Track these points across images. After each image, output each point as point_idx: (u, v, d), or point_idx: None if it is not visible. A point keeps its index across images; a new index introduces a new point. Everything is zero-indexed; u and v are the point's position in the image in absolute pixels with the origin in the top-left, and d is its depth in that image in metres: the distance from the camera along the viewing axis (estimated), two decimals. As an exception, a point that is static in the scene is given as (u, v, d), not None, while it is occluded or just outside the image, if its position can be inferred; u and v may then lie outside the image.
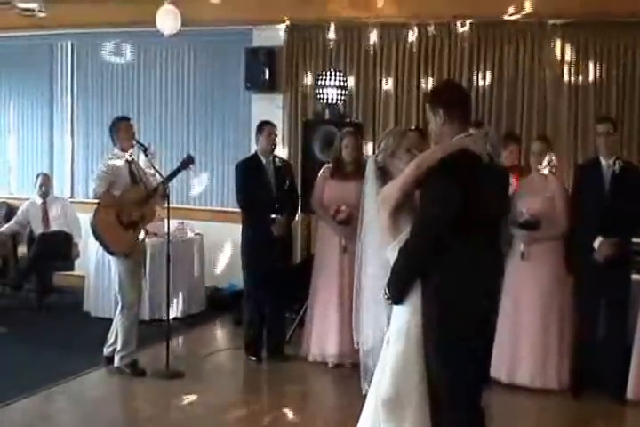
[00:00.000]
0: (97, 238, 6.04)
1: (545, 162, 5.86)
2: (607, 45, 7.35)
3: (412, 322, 3.53)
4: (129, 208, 5.95)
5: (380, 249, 3.78)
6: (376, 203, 3.78)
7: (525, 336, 5.69)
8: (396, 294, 3.55)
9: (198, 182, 8.93)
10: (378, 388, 3.65)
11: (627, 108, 7.34)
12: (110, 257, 6.10)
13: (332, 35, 8.13)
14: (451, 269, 3.47)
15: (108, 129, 6.26)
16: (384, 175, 3.80)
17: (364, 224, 3.99)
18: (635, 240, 5.74)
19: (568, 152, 7.41)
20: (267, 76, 8.30)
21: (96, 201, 6.06)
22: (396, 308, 3.61)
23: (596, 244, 5.50)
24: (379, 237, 3.78)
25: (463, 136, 3.57)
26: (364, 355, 3.96)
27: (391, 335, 3.62)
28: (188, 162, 6.20)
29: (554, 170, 5.96)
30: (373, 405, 3.72)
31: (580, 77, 7.46)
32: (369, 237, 3.94)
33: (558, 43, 7.46)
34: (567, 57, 7.47)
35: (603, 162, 5.68)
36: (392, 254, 3.61)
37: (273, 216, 6.36)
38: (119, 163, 6.03)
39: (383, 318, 3.78)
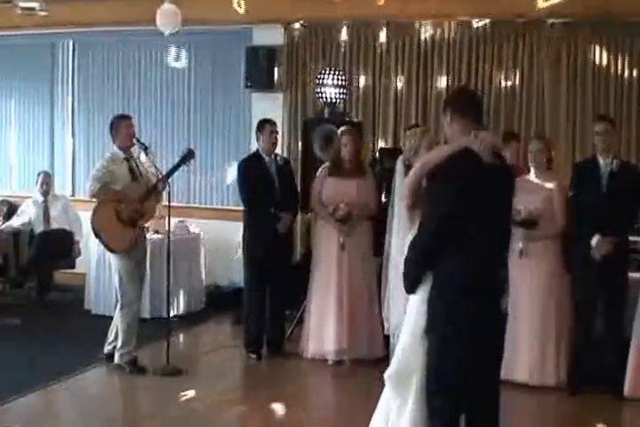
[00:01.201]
0: (97, 236, 6.04)
1: (543, 160, 5.91)
2: (606, 44, 7.40)
3: (421, 311, 3.70)
4: (128, 205, 5.95)
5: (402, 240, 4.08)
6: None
7: (523, 333, 5.71)
8: (407, 284, 3.77)
9: (199, 180, 8.98)
10: None
11: (625, 107, 7.38)
12: (110, 255, 6.10)
13: (332, 34, 8.19)
14: (452, 266, 3.58)
15: (108, 126, 6.25)
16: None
17: (393, 217, 4.37)
18: (632, 238, 5.77)
19: (566, 151, 7.46)
20: (267, 75, 8.34)
21: (94, 200, 6.07)
22: (411, 297, 3.82)
23: (594, 242, 5.52)
24: (402, 229, 4.12)
25: (468, 137, 3.67)
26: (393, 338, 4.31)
27: (405, 321, 3.85)
28: (188, 156, 6.17)
29: (551, 168, 6.00)
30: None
31: (579, 76, 7.50)
32: (395, 229, 4.20)
33: (557, 41, 7.51)
34: (566, 56, 7.51)
35: (600, 160, 5.69)
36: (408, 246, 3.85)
37: (279, 214, 6.39)
38: (114, 165, 6.01)
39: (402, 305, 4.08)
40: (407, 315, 3.86)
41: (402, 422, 3.74)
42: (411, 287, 3.76)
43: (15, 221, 8.45)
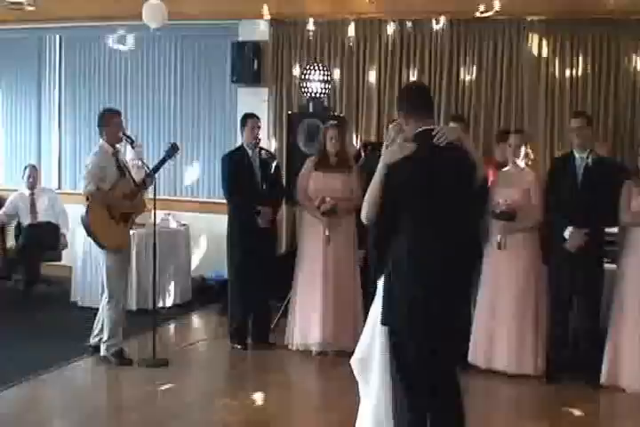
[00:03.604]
0: (90, 235, 6.03)
1: (522, 155, 6.00)
2: (583, 42, 7.49)
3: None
4: (119, 202, 5.99)
5: None
6: None
7: (502, 323, 5.82)
8: (374, 271, 3.79)
9: (185, 174, 9.05)
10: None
11: (602, 103, 7.48)
12: (99, 250, 6.09)
13: (317, 29, 8.24)
14: (393, 255, 3.68)
15: (96, 119, 6.25)
16: None
17: None
18: (607, 230, 5.86)
19: (545, 146, 7.56)
20: (252, 70, 8.41)
21: (85, 197, 6.07)
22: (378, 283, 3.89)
23: (567, 233, 5.62)
24: None
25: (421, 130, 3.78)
26: None
27: (372, 308, 3.94)
28: (172, 150, 6.23)
29: (530, 162, 6.09)
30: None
31: (557, 73, 7.59)
32: None
33: (536, 39, 7.59)
34: (544, 53, 7.60)
35: (577, 155, 5.79)
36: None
37: (258, 208, 6.44)
38: (104, 161, 6.03)
39: None
40: (374, 303, 3.95)
41: (366, 404, 3.84)
42: (375, 273, 3.87)
43: (2, 215, 8.45)
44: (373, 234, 3.81)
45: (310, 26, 8.23)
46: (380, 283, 3.83)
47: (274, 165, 6.70)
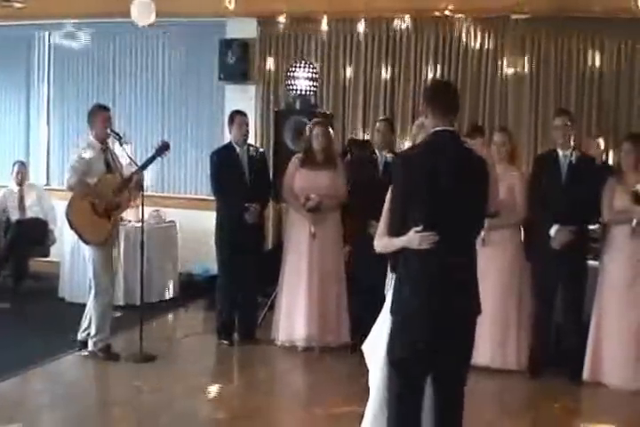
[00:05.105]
0: (72, 228, 6.07)
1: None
2: (567, 41, 7.56)
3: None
4: (104, 197, 6.00)
5: None
6: None
7: (486, 319, 5.79)
8: (390, 265, 3.83)
9: (173, 170, 9.08)
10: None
11: (586, 100, 7.55)
12: (85, 246, 6.11)
13: (304, 28, 8.28)
14: (403, 255, 3.65)
15: (86, 115, 6.27)
16: None
17: None
18: (591, 227, 5.93)
19: (529, 144, 7.63)
20: (240, 68, 8.45)
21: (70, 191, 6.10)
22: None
23: (553, 231, 5.68)
24: None
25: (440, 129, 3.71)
26: None
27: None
28: (163, 148, 6.25)
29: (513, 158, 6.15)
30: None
31: (542, 71, 7.66)
32: None
33: (520, 37, 7.66)
34: (529, 51, 7.66)
35: (560, 153, 5.86)
36: None
37: (247, 204, 6.48)
38: (91, 154, 6.05)
39: None
40: (387, 295, 3.94)
41: (371, 389, 3.91)
42: (391, 268, 3.80)
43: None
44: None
45: (298, 24, 8.26)
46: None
47: (258, 155, 6.75)
